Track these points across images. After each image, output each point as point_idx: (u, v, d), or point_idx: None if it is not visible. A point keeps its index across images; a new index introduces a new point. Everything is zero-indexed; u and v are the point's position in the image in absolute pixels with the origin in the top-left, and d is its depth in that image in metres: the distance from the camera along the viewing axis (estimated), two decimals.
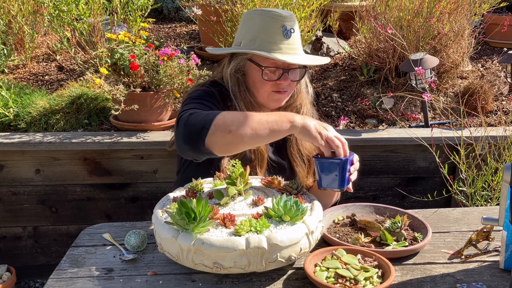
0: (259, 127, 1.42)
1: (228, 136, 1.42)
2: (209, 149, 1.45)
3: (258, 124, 1.42)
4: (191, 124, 1.46)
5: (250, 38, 1.64)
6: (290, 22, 1.62)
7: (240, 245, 1.21)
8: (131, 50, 2.63)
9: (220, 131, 1.42)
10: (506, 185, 1.22)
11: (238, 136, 1.42)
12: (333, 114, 3.12)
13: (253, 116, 1.44)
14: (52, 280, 1.34)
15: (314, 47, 3.66)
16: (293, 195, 1.44)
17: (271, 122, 1.43)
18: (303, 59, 1.66)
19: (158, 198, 1.49)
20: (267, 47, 1.61)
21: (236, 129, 1.41)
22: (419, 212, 1.73)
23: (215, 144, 1.44)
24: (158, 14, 5.00)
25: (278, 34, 1.61)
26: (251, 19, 1.65)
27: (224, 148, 1.47)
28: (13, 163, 2.73)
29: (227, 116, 1.45)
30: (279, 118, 1.44)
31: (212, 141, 1.43)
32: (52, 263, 2.87)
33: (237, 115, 1.47)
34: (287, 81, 1.66)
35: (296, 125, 1.42)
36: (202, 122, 1.44)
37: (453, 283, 1.33)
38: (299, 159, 1.79)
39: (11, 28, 3.63)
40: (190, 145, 1.47)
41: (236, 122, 1.42)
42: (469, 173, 2.42)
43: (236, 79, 1.70)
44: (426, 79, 2.82)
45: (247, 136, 1.42)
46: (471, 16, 3.28)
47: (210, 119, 1.43)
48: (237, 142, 1.44)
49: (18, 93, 3.07)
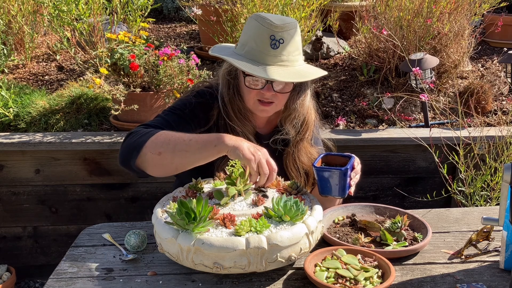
0: (188, 148, 1.45)
1: (158, 158, 1.47)
2: (140, 169, 1.52)
3: (187, 144, 1.46)
4: (126, 145, 1.54)
5: (243, 42, 1.61)
6: (281, 32, 1.54)
7: (240, 245, 1.21)
8: (131, 50, 2.63)
9: (150, 153, 1.47)
10: (506, 185, 1.22)
11: (167, 157, 1.46)
12: (333, 114, 3.12)
13: (184, 137, 1.48)
14: (52, 280, 1.34)
15: (314, 47, 3.66)
16: (293, 195, 1.44)
17: (200, 142, 1.45)
18: (282, 74, 1.54)
19: (158, 198, 1.49)
20: (253, 55, 1.56)
21: (165, 150, 1.46)
22: (419, 212, 1.73)
23: (146, 165, 1.50)
24: (158, 14, 5.00)
25: (266, 44, 1.54)
26: (249, 22, 1.61)
27: (156, 170, 1.52)
28: (13, 163, 2.73)
29: (160, 137, 1.49)
30: (209, 137, 1.46)
31: (142, 163, 1.50)
32: (52, 263, 2.86)
33: (170, 136, 1.50)
34: (270, 92, 1.59)
35: (226, 144, 1.41)
36: (134, 144, 1.50)
37: (453, 283, 1.33)
38: (295, 171, 1.76)
39: (11, 28, 3.63)
40: (123, 165, 1.55)
41: (166, 143, 1.47)
42: (468, 173, 2.42)
43: (227, 81, 1.68)
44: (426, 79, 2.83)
45: (176, 156, 1.46)
46: (471, 16, 3.28)
47: (142, 141, 1.49)
48: (167, 163, 1.48)
49: (18, 93, 3.07)
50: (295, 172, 1.75)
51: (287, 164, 1.75)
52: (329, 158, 1.58)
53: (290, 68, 1.58)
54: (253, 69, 1.52)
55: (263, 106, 1.63)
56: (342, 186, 1.46)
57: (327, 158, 1.58)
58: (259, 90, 1.60)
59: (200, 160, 1.48)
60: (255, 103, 1.63)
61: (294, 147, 1.73)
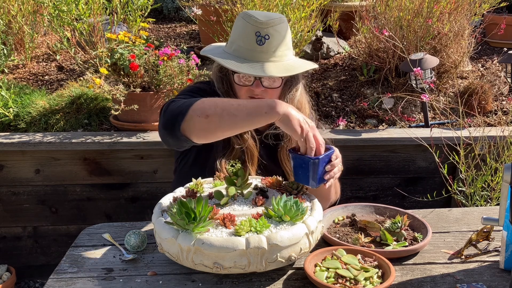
0: (237, 112, 1.41)
1: (205, 121, 1.42)
2: (185, 135, 1.46)
3: (236, 109, 1.41)
4: (169, 111, 1.49)
5: (231, 40, 1.63)
6: (266, 28, 1.54)
7: (240, 245, 1.21)
8: (131, 50, 2.63)
9: (197, 116, 1.43)
10: (506, 185, 1.22)
11: (215, 120, 1.42)
12: (333, 114, 3.12)
13: (232, 102, 1.44)
14: (52, 280, 1.34)
15: (314, 47, 3.66)
16: (293, 195, 1.44)
17: (250, 107, 1.42)
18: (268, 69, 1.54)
19: (158, 198, 1.49)
20: (240, 53, 1.58)
21: (213, 113, 1.42)
22: (419, 212, 1.73)
23: (192, 129, 1.45)
24: (158, 14, 5.00)
25: (252, 40, 1.56)
26: (237, 20, 1.63)
27: (201, 134, 1.46)
28: (13, 163, 2.73)
29: (206, 101, 1.45)
30: (260, 103, 1.43)
31: (188, 127, 1.44)
32: (52, 263, 2.86)
33: (217, 100, 1.47)
34: (259, 88, 1.59)
35: (277, 111, 1.38)
36: (179, 109, 1.46)
37: (453, 283, 1.33)
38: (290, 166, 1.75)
39: (11, 28, 3.62)
40: (167, 131, 1.49)
41: (214, 107, 1.43)
42: (468, 173, 2.42)
43: (219, 78, 1.69)
44: (426, 79, 2.82)
45: (224, 120, 1.41)
46: (471, 16, 3.28)
47: (187, 105, 1.44)
48: (214, 127, 1.44)
49: (18, 93, 3.07)
50: (289, 167, 1.75)
51: (281, 158, 1.75)
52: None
53: (278, 64, 1.58)
54: (238, 66, 1.54)
55: None
56: (313, 176, 1.43)
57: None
58: (249, 87, 1.61)
59: (248, 126, 1.46)
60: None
61: (289, 141, 1.73)
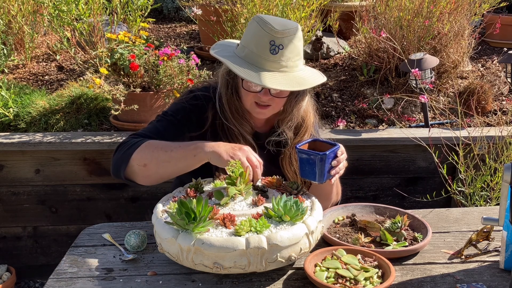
0: (169, 159, 1.52)
1: (144, 169, 1.54)
2: (131, 180, 1.59)
3: (170, 156, 1.52)
4: (115, 158, 1.60)
5: (243, 44, 1.61)
6: (282, 38, 1.52)
7: (240, 245, 1.21)
8: (131, 50, 2.63)
9: (137, 165, 1.54)
10: (506, 185, 1.22)
11: (153, 168, 1.53)
12: (333, 114, 3.12)
13: (166, 148, 1.53)
14: (52, 280, 1.34)
15: (314, 47, 3.66)
16: (293, 195, 1.44)
17: (180, 153, 1.51)
18: (279, 81, 1.54)
19: (158, 198, 1.49)
20: (252, 59, 1.56)
21: (149, 162, 1.53)
22: (419, 212, 1.73)
23: (135, 176, 1.58)
24: (158, 14, 5.00)
25: (265, 49, 1.54)
26: (251, 23, 1.60)
27: (144, 180, 1.59)
28: (13, 163, 2.73)
29: (145, 149, 1.54)
30: (187, 148, 1.51)
31: (131, 174, 1.57)
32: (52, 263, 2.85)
33: (155, 147, 1.55)
34: (267, 96, 1.58)
35: (205, 152, 1.47)
36: (122, 157, 1.57)
37: (453, 283, 1.33)
38: (292, 173, 1.76)
39: (11, 28, 3.63)
40: (115, 176, 1.61)
41: (150, 155, 1.53)
42: (468, 173, 2.42)
43: (226, 81, 1.68)
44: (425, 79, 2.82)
45: (160, 167, 1.53)
46: (471, 16, 3.28)
47: (129, 153, 1.54)
48: (153, 173, 1.55)
49: (18, 93, 3.07)
50: (291, 174, 1.76)
51: (283, 165, 1.75)
52: (317, 144, 1.57)
53: (289, 74, 1.57)
54: (250, 75, 1.52)
55: (260, 109, 1.64)
56: (320, 171, 1.46)
57: (315, 143, 1.57)
58: (256, 93, 1.60)
59: (184, 170, 1.55)
60: (252, 105, 1.64)
61: (292, 148, 1.73)
